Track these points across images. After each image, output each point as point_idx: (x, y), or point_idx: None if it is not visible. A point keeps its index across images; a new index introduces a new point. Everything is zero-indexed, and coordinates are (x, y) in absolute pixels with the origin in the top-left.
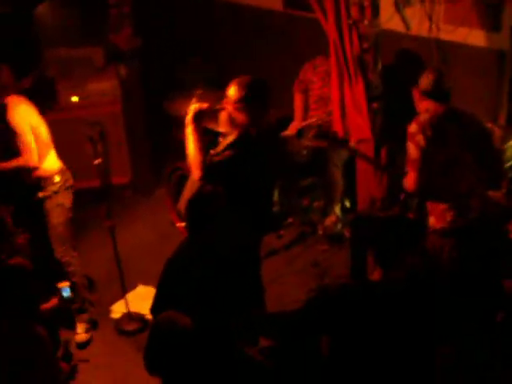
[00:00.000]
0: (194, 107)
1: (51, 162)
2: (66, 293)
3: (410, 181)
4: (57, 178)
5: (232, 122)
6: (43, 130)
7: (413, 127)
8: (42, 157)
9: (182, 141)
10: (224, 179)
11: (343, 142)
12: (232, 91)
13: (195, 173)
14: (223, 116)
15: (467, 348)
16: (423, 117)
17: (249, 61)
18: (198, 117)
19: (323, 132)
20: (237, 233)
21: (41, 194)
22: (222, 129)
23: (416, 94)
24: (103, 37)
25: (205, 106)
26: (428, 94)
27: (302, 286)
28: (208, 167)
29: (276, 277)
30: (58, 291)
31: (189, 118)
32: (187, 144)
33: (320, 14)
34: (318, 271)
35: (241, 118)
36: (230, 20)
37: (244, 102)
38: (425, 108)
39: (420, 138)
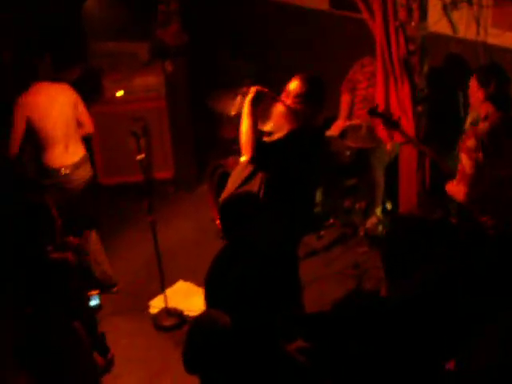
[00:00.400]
0: (254, 89)
1: (55, 156)
2: (95, 301)
3: (460, 193)
4: (63, 171)
5: (285, 117)
6: (48, 124)
7: (471, 142)
8: (40, 149)
9: (226, 138)
10: (273, 164)
11: (395, 122)
12: (294, 85)
13: (246, 153)
14: (278, 109)
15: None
16: (481, 129)
17: (294, 60)
18: (257, 99)
19: (376, 109)
20: (276, 230)
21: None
22: (268, 125)
23: (480, 94)
24: (150, 32)
25: (265, 89)
26: (492, 99)
27: (341, 287)
28: (260, 147)
29: (315, 277)
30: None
31: (248, 99)
32: (241, 124)
33: (367, 14)
34: (357, 273)
35: (299, 111)
36: (277, 19)
37: (304, 97)
38: (485, 111)
39: (478, 155)
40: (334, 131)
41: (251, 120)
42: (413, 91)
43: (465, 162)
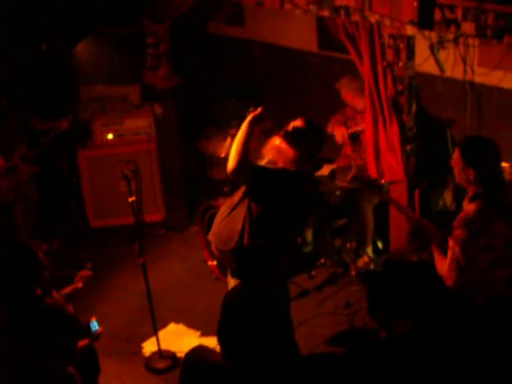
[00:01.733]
0: (260, 109)
1: None
2: (94, 327)
3: (450, 279)
4: None
5: (278, 153)
6: None
7: (461, 232)
8: None
9: (216, 179)
10: (259, 189)
11: (379, 188)
12: (295, 124)
13: (230, 164)
14: (272, 142)
15: None
16: (470, 216)
17: (285, 101)
18: (258, 119)
19: (360, 176)
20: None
21: None
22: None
23: (468, 173)
24: (140, 75)
25: (264, 112)
26: (483, 180)
27: (333, 326)
28: (252, 167)
29: (307, 317)
30: (88, 327)
31: (249, 117)
32: (235, 139)
33: (355, 55)
34: (349, 312)
35: (291, 153)
36: (266, 60)
37: (302, 138)
38: (473, 192)
39: (468, 248)
40: (324, 171)
41: (245, 136)
42: (401, 130)
43: (455, 251)
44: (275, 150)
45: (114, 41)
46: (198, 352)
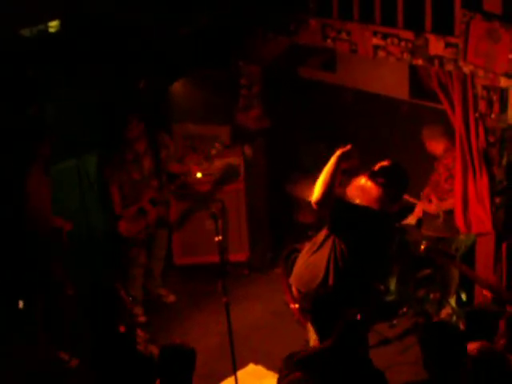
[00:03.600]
0: (349, 146)
1: None
2: None
3: None
4: None
5: (361, 192)
6: None
7: None
8: None
9: (302, 223)
10: (344, 223)
11: (452, 257)
12: (382, 164)
13: (315, 195)
14: (357, 182)
15: None
16: None
17: (374, 148)
18: (344, 156)
19: (433, 246)
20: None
21: None
22: (348, 193)
23: None
24: (231, 116)
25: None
26: None
27: (413, 376)
28: (336, 199)
29: (389, 365)
30: None
31: (338, 152)
32: (322, 172)
33: (447, 105)
34: None
35: (376, 192)
36: (357, 106)
37: (388, 177)
38: None
39: None
40: (411, 220)
41: (332, 169)
42: (491, 182)
43: None
44: (359, 189)
45: (208, 81)
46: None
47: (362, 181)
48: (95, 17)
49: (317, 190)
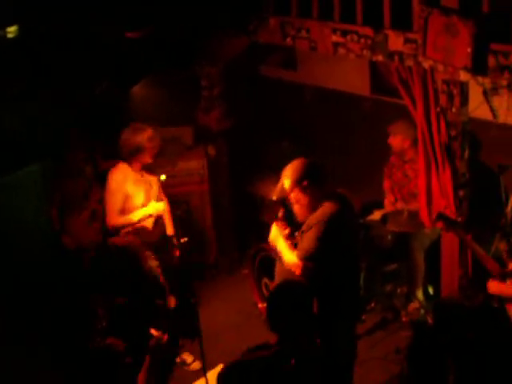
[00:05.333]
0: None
1: None
2: None
3: None
4: None
5: (302, 209)
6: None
7: None
8: None
9: (267, 222)
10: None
11: (462, 228)
12: (286, 184)
13: (297, 271)
14: (296, 208)
15: None
16: None
17: (336, 145)
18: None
19: (444, 214)
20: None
21: None
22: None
23: None
24: (193, 117)
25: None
26: None
27: (384, 372)
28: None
29: (357, 361)
30: None
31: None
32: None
33: (408, 100)
34: (400, 358)
35: (303, 197)
36: (318, 104)
37: (298, 185)
38: None
39: None
40: (375, 216)
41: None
42: (454, 176)
43: None
44: (299, 210)
45: (168, 83)
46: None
47: (295, 208)
48: (53, 23)
49: (294, 268)
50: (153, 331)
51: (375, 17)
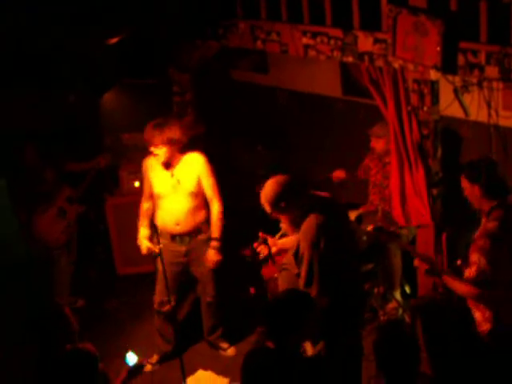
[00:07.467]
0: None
1: None
2: (131, 360)
3: (472, 292)
4: None
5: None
6: None
7: (484, 241)
8: None
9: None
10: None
11: (397, 237)
12: (265, 207)
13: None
14: (284, 226)
15: None
16: (491, 228)
17: (310, 147)
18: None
19: (380, 227)
20: None
21: None
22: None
23: (475, 190)
24: None
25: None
26: (489, 191)
27: (364, 371)
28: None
29: None
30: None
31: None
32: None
33: (379, 100)
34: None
35: (285, 217)
36: (291, 107)
37: (276, 208)
38: (487, 206)
39: (493, 257)
40: (350, 216)
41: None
42: (427, 174)
43: (481, 263)
44: (285, 226)
45: (140, 90)
46: None
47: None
48: (17, 33)
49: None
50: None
51: (344, 18)
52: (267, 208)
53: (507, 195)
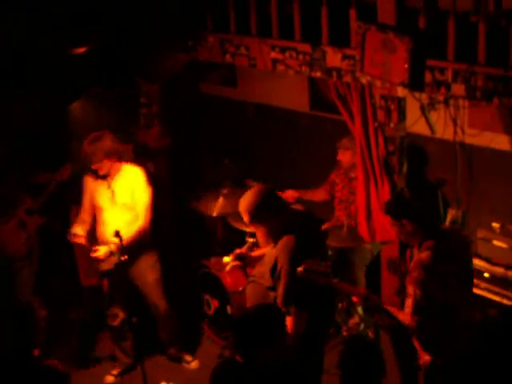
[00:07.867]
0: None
1: None
2: None
3: (412, 322)
4: None
5: (260, 239)
6: None
7: (418, 272)
8: None
9: (209, 239)
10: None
11: (327, 275)
12: (244, 217)
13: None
14: (258, 237)
15: None
16: (425, 259)
17: (277, 161)
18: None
19: (309, 267)
20: None
21: None
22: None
23: (408, 228)
24: (133, 134)
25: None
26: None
27: None
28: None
29: None
30: None
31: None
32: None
33: (346, 116)
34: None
35: (261, 229)
36: (259, 121)
37: (255, 218)
38: (417, 240)
39: (426, 287)
40: None
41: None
42: (393, 190)
43: (416, 294)
44: (261, 238)
45: (109, 100)
46: None
47: (260, 235)
48: None
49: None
50: None
51: (313, 33)
52: (246, 218)
53: (436, 224)
